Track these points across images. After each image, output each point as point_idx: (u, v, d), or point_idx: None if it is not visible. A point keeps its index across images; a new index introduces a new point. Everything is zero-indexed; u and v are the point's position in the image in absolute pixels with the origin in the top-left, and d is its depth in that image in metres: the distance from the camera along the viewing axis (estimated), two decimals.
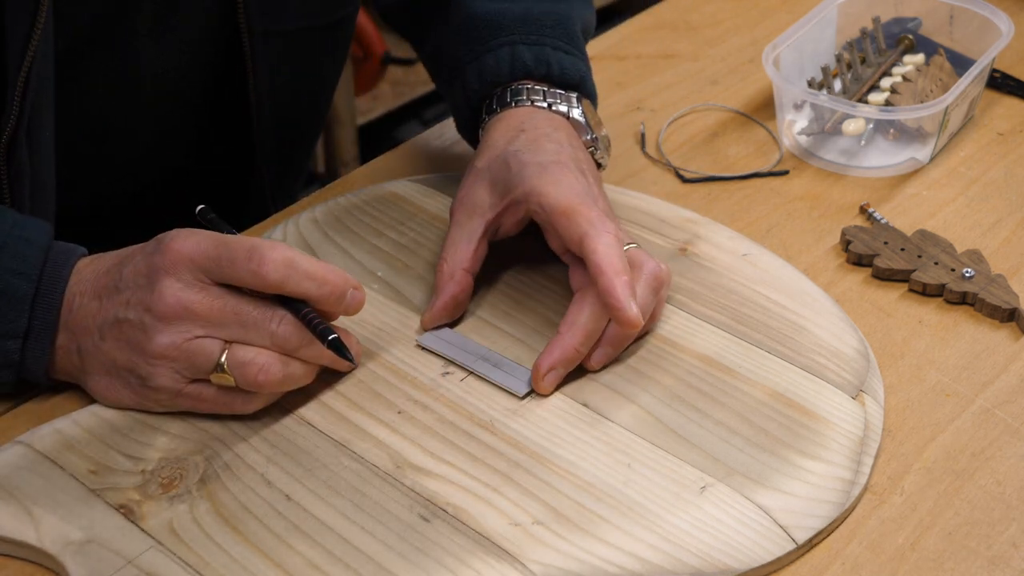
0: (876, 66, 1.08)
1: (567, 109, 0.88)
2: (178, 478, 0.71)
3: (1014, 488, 0.74)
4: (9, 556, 0.68)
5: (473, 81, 0.89)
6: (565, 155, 0.82)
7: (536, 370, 0.76)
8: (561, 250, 0.82)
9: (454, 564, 0.67)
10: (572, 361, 0.77)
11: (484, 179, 0.83)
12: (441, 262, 0.82)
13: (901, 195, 0.98)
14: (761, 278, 0.87)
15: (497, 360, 0.79)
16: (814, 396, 0.77)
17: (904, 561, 0.69)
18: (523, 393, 0.77)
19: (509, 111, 0.87)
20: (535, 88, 0.88)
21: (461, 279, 0.81)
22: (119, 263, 0.73)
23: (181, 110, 0.95)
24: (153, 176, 0.98)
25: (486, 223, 0.82)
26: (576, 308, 0.77)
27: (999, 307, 0.85)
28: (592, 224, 0.77)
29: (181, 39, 0.90)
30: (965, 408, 0.79)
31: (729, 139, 1.05)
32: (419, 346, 0.80)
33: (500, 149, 0.84)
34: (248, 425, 0.74)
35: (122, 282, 0.72)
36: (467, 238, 0.82)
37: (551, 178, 0.80)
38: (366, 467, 0.72)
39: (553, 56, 0.89)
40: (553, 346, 0.76)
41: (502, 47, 0.89)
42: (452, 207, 0.84)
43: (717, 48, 1.18)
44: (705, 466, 0.72)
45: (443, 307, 0.81)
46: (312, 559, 0.67)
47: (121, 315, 0.71)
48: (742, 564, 0.67)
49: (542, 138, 0.84)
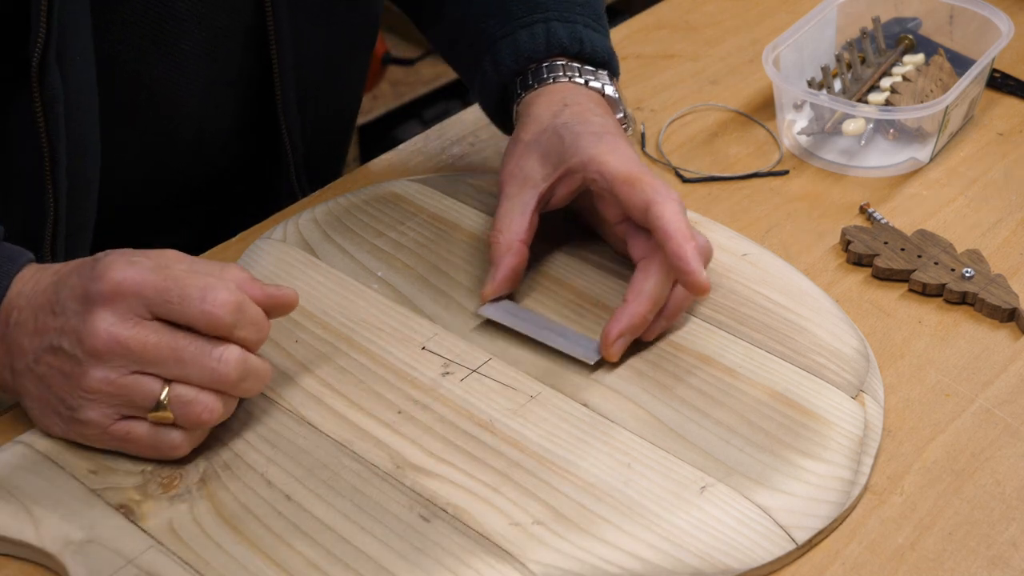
0: (876, 66, 1.08)
1: (601, 86, 0.89)
2: (178, 478, 0.71)
3: (1014, 488, 0.74)
4: (9, 556, 0.68)
5: (507, 57, 0.89)
6: (612, 126, 0.84)
7: (605, 337, 0.77)
8: (617, 219, 0.83)
9: (454, 564, 0.67)
10: (639, 328, 0.78)
11: (534, 151, 0.84)
12: (496, 233, 0.82)
13: (901, 195, 0.98)
14: (761, 278, 0.87)
15: (561, 330, 0.80)
16: (814, 396, 0.77)
17: (904, 561, 0.69)
18: (594, 361, 0.78)
19: (548, 87, 0.88)
20: (570, 65, 0.89)
21: (519, 250, 0.82)
22: (57, 281, 0.70)
23: (217, 75, 0.92)
24: (191, 160, 0.96)
25: (540, 194, 0.83)
26: (642, 276, 0.78)
27: (999, 307, 0.85)
28: (657, 191, 0.78)
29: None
30: (965, 408, 0.79)
31: (729, 139, 1.05)
32: (481, 316, 0.81)
33: (547, 122, 0.84)
34: (248, 425, 0.74)
35: (58, 305, 0.69)
36: (520, 209, 0.82)
37: (608, 147, 0.81)
38: (366, 467, 0.72)
39: (585, 33, 0.90)
40: (621, 313, 0.78)
41: (536, 23, 0.89)
42: (501, 179, 0.85)
43: (717, 48, 1.18)
44: (705, 466, 0.72)
45: (504, 278, 0.82)
46: (312, 559, 0.67)
47: (55, 342, 0.69)
48: (742, 564, 0.67)
49: (587, 111, 0.85)
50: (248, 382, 0.70)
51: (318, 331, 0.81)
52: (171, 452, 0.70)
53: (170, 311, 0.68)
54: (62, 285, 0.70)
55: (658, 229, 0.77)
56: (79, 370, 0.68)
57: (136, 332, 0.68)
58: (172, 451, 0.70)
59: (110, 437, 0.70)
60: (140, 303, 0.68)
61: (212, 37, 0.90)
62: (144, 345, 0.67)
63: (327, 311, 0.82)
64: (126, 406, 0.69)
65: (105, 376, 0.68)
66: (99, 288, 0.68)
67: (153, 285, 0.68)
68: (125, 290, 0.68)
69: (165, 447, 0.70)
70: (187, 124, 0.93)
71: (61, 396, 0.70)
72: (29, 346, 0.70)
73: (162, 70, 0.89)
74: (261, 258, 0.87)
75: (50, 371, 0.69)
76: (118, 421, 0.69)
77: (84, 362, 0.68)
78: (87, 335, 0.67)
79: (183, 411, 0.69)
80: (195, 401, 0.69)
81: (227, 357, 0.69)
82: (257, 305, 0.71)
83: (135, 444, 0.70)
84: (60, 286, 0.70)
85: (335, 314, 0.82)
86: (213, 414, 0.69)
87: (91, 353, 0.67)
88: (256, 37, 0.92)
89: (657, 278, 0.78)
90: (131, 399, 0.68)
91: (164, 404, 0.68)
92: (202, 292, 0.68)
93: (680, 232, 0.76)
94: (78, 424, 0.70)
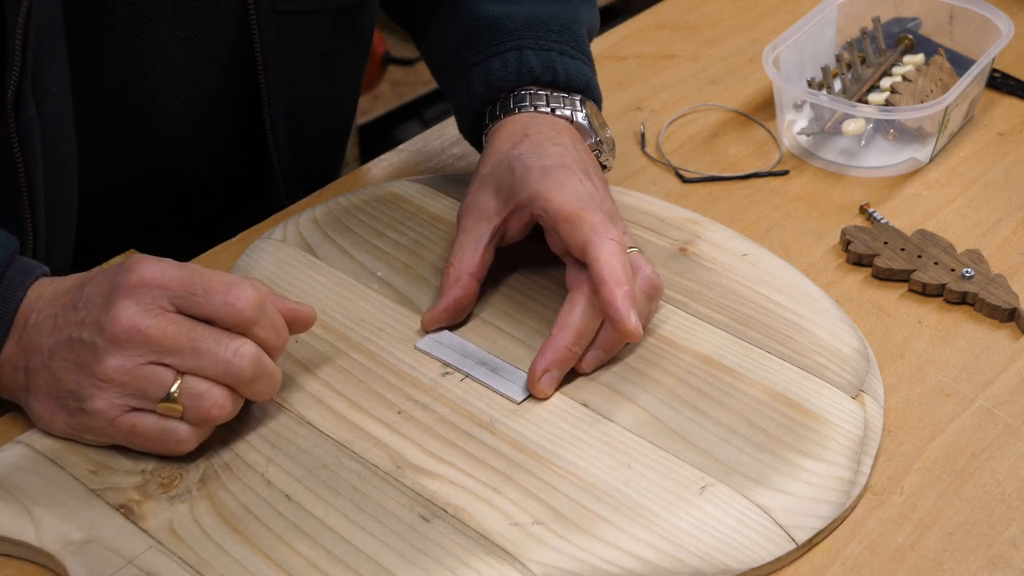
0: (876, 66, 1.08)
1: (571, 113, 0.87)
2: (178, 478, 0.71)
3: (1014, 488, 0.74)
4: (9, 556, 0.68)
5: (478, 85, 0.89)
6: (569, 158, 0.82)
7: (531, 373, 0.76)
8: (562, 252, 0.82)
9: (454, 564, 0.67)
10: (566, 362, 0.77)
11: (489, 185, 0.83)
12: (448, 266, 0.82)
13: (901, 195, 0.98)
14: (761, 278, 0.87)
15: (495, 365, 0.79)
16: (814, 396, 0.77)
17: (904, 561, 0.69)
18: (520, 399, 0.77)
19: (512, 117, 0.87)
20: (538, 93, 0.88)
21: (466, 284, 0.81)
22: (81, 284, 0.72)
23: (199, 96, 0.92)
24: (174, 178, 0.97)
25: (492, 229, 0.82)
26: (568, 308, 0.77)
27: (999, 307, 0.85)
28: (595, 231, 0.77)
29: (198, 19, 0.88)
30: (965, 408, 0.79)
31: (729, 139, 1.05)
32: (418, 349, 0.80)
33: (504, 154, 0.84)
34: (248, 425, 0.74)
35: (80, 302, 0.70)
36: (473, 244, 0.82)
37: (554, 182, 0.80)
38: (366, 467, 0.72)
39: (559, 61, 0.89)
40: (546, 348, 0.77)
41: (509, 51, 0.89)
42: (459, 213, 0.84)
43: (717, 48, 1.18)
44: (705, 466, 0.72)
45: (444, 310, 0.81)
46: (312, 559, 0.67)
47: (74, 335, 0.70)
48: (742, 564, 0.67)
49: (546, 142, 0.84)
50: (260, 383, 0.70)
51: (318, 331, 0.81)
52: (177, 447, 0.70)
53: (193, 304, 0.69)
54: (87, 284, 0.71)
55: (592, 271, 0.76)
56: (95, 357, 0.69)
57: (157, 321, 0.68)
58: (178, 446, 0.70)
59: (116, 430, 0.70)
60: (164, 295, 0.69)
61: (194, 59, 0.90)
62: (163, 334, 0.68)
63: (327, 311, 0.82)
64: (137, 396, 0.69)
65: (121, 364, 0.68)
66: (125, 280, 0.69)
67: (179, 279, 0.69)
68: (150, 282, 0.69)
69: (172, 441, 0.70)
70: (168, 140, 0.93)
71: (71, 388, 0.70)
72: (46, 343, 0.71)
73: (143, 90, 0.89)
74: (261, 258, 0.87)
75: (64, 364, 0.70)
76: (125, 413, 0.69)
77: (101, 349, 0.68)
78: (108, 322, 0.68)
79: (193, 404, 0.69)
80: (206, 395, 0.69)
81: (243, 352, 0.69)
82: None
83: (141, 437, 0.70)
84: (84, 286, 0.71)
85: (335, 314, 0.82)
86: (222, 410, 0.69)
87: (110, 340, 0.68)
88: (239, 56, 0.92)
89: (582, 310, 0.77)
90: (143, 388, 0.69)
91: (175, 395, 0.69)
92: (227, 287, 0.69)
93: (613, 275, 0.75)
94: (84, 416, 0.70)
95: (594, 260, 0.76)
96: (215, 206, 1.01)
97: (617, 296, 0.74)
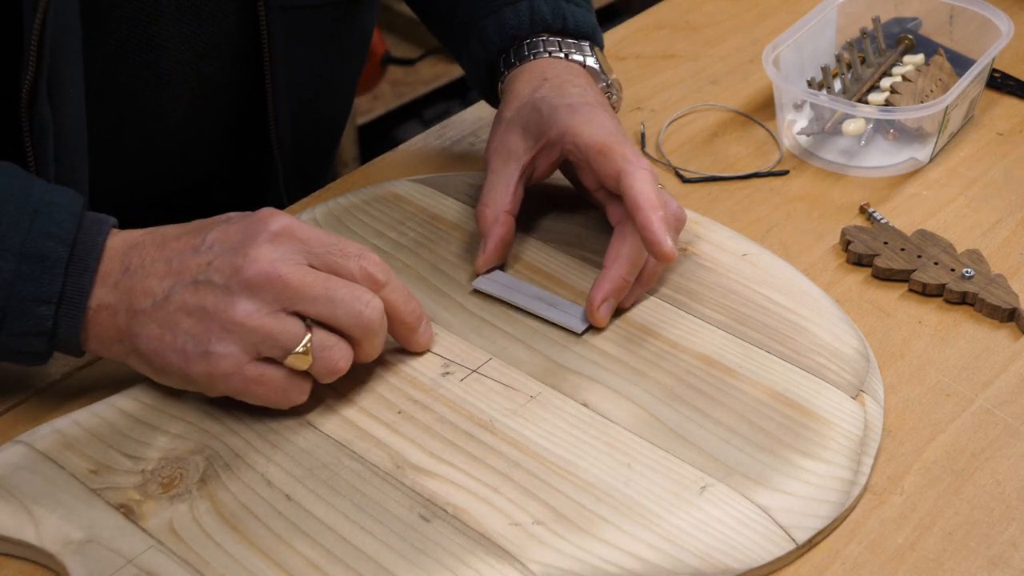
0: (876, 66, 1.08)
1: (582, 58, 0.92)
2: (178, 478, 0.71)
3: (1014, 488, 0.74)
4: (9, 556, 0.68)
5: (492, 34, 0.92)
6: (591, 96, 0.86)
7: (590, 303, 0.80)
8: (595, 187, 0.85)
9: (454, 564, 0.67)
10: (621, 291, 0.81)
11: (515, 126, 0.86)
12: (482, 207, 0.85)
13: (901, 195, 0.98)
14: (761, 278, 0.87)
15: (552, 300, 0.82)
16: (814, 396, 0.77)
17: (904, 561, 0.69)
18: (581, 330, 0.80)
19: (529, 63, 0.91)
20: (550, 40, 0.92)
21: (505, 220, 0.84)
22: (197, 229, 0.72)
23: (203, 91, 0.93)
24: (178, 171, 0.97)
25: (522, 167, 0.85)
26: (619, 240, 0.81)
27: (999, 307, 0.85)
28: (627, 160, 0.80)
29: (203, 16, 0.89)
30: (965, 408, 0.79)
31: (729, 139, 1.05)
32: (476, 290, 0.83)
33: (527, 97, 0.87)
34: (248, 425, 0.74)
35: (204, 246, 0.71)
36: (505, 183, 0.85)
37: (583, 118, 0.83)
38: (366, 467, 0.72)
39: (567, 9, 0.93)
40: (602, 279, 0.80)
41: (520, 1, 0.92)
42: (486, 157, 0.87)
43: (717, 48, 1.18)
44: (705, 466, 0.72)
45: (495, 249, 0.84)
46: (312, 559, 0.67)
47: (201, 277, 0.70)
48: (742, 564, 0.67)
49: (566, 84, 0.87)
50: (378, 339, 0.73)
51: None
52: (298, 398, 0.73)
53: (331, 262, 0.71)
54: (207, 230, 0.72)
55: (627, 199, 0.79)
56: (226, 301, 0.69)
57: (295, 269, 0.70)
58: (299, 396, 0.73)
59: (240, 378, 0.70)
60: (302, 248, 0.71)
61: (199, 54, 0.90)
62: (302, 281, 0.70)
63: None
64: (266, 345, 0.70)
65: (255, 309, 0.69)
66: (266, 227, 0.71)
67: (317, 236, 0.72)
68: (292, 233, 0.71)
69: (295, 392, 0.72)
70: (171, 135, 0.93)
71: (194, 332, 0.70)
72: (160, 286, 0.70)
73: (148, 86, 0.89)
74: None
75: (184, 308, 0.70)
76: (253, 362, 0.70)
77: (235, 292, 0.69)
78: (247, 264, 0.69)
79: (323, 355, 0.71)
80: (336, 347, 0.71)
81: (375, 304, 0.72)
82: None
83: (266, 387, 0.71)
84: (204, 231, 0.72)
85: None
86: (348, 363, 0.72)
87: (246, 284, 0.69)
88: (243, 51, 0.92)
89: (633, 240, 0.80)
90: (275, 337, 0.69)
91: (306, 349, 0.70)
92: (360, 251, 0.72)
93: (648, 201, 0.78)
94: (206, 362, 0.70)
95: (628, 188, 0.79)
96: (215, 202, 1.01)
97: (653, 220, 0.77)
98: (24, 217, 0.70)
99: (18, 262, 0.69)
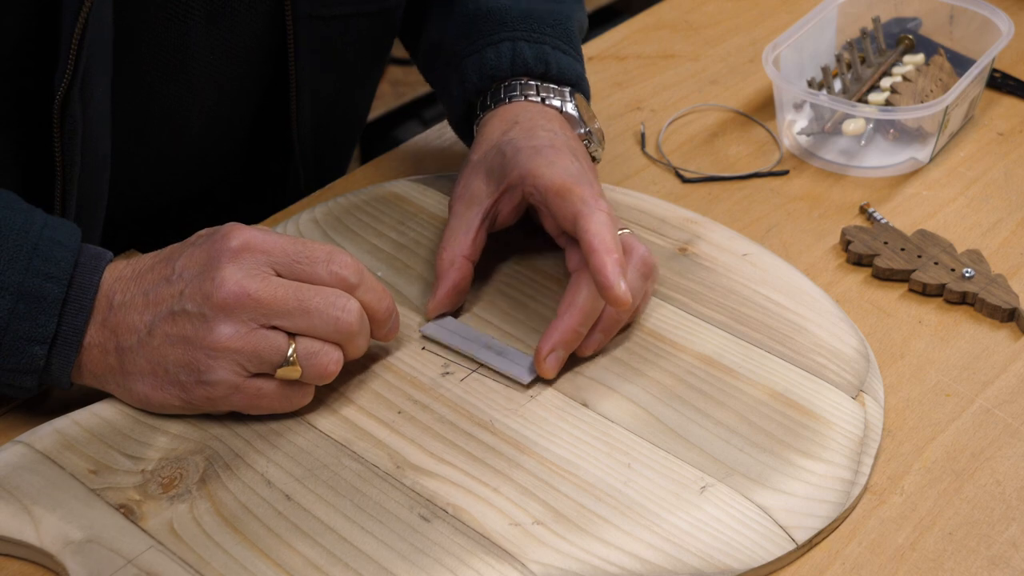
0: (876, 66, 1.08)
1: (560, 103, 0.88)
2: (178, 478, 0.71)
3: (1014, 488, 0.74)
4: (9, 556, 0.68)
5: (472, 74, 0.90)
6: (559, 141, 0.83)
7: (537, 353, 0.77)
8: (556, 232, 0.82)
9: (454, 564, 0.67)
10: (571, 343, 0.77)
11: (480, 170, 0.84)
12: (441, 251, 0.82)
13: (901, 195, 0.98)
14: (761, 278, 0.87)
15: (500, 348, 0.79)
16: (814, 396, 0.77)
17: (904, 561, 0.69)
18: (527, 381, 0.77)
19: (503, 107, 0.88)
20: (529, 83, 0.89)
21: (461, 266, 0.81)
22: (167, 257, 0.72)
23: (226, 97, 0.93)
24: (198, 174, 0.97)
25: (484, 211, 0.83)
26: (573, 289, 0.78)
27: (999, 307, 0.85)
28: (585, 202, 0.77)
29: (232, 22, 0.89)
30: (965, 408, 0.79)
31: (729, 139, 1.05)
32: (423, 336, 0.80)
33: (495, 141, 0.85)
34: (248, 425, 0.74)
35: (174, 275, 0.71)
36: (465, 227, 0.83)
37: (544, 160, 0.81)
38: (366, 467, 0.72)
39: (552, 55, 0.90)
40: (552, 328, 0.77)
41: (503, 42, 0.90)
42: (450, 201, 0.85)
43: (717, 48, 1.18)
44: (705, 466, 0.72)
45: (446, 294, 0.81)
46: (312, 559, 0.67)
47: (176, 307, 0.70)
48: (742, 564, 0.67)
49: (536, 128, 0.85)
50: (362, 339, 0.73)
51: None
52: (301, 401, 0.73)
53: (297, 270, 0.71)
54: (175, 257, 0.72)
55: (583, 242, 0.76)
56: (205, 328, 0.69)
57: (264, 284, 0.69)
58: (302, 400, 0.73)
59: (241, 395, 0.71)
60: (266, 260, 0.70)
61: (224, 59, 0.90)
62: (273, 296, 0.69)
63: None
64: (253, 362, 0.70)
65: (234, 331, 0.69)
66: (226, 246, 0.70)
67: (280, 245, 0.71)
68: (253, 247, 0.70)
69: (297, 397, 0.72)
70: (193, 140, 0.94)
71: (183, 363, 0.70)
72: (141, 320, 0.71)
73: (173, 91, 0.89)
74: None
75: (168, 340, 0.70)
76: (249, 378, 0.71)
77: (211, 318, 0.69)
78: (215, 289, 0.69)
79: (311, 363, 0.70)
80: (321, 352, 0.71)
81: (350, 307, 0.71)
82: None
83: (267, 399, 0.72)
84: (172, 259, 0.72)
85: None
86: (338, 365, 0.72)
87: (219, 307, 0.69)
88: (268, 56, 0.93)
89: (588, 290, 0.76)
90: (259, 354, 0.70)
91: (292, 359, 0.70)
92: (328, 255, 0.71)
93: (603, 244, 0.75)
94: (205, 388, 0.70)
95: (583, 231, 0.76)
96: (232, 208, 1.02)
97: (607, 263, 0.74)
98: (22, 255, 0.70)
99: (15, 301, 0.69)
